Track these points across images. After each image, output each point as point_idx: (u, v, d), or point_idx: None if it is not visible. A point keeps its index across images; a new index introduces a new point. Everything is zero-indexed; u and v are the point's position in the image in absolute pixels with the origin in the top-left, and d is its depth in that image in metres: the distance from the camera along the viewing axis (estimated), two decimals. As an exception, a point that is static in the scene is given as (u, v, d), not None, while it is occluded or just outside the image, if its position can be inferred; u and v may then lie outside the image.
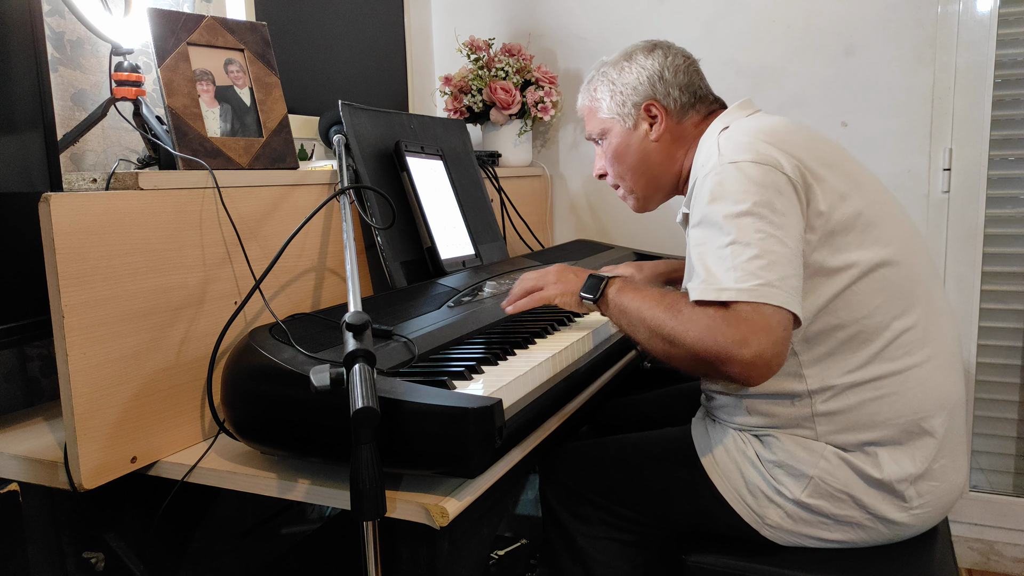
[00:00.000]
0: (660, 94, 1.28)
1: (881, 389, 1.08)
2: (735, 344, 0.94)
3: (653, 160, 1.31)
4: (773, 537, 1.14)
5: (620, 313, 1.14)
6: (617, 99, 1.31)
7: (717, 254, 1.01)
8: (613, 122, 1.32)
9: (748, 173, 1.04)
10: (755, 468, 1.14)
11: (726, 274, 0.98)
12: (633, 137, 1.31)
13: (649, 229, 2.36)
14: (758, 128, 1.13)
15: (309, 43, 1.91)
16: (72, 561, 1.27)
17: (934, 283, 1.16)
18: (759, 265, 0.97)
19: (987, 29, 1.92)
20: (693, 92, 1.30)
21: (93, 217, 0.94)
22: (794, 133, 1.13)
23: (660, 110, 1.29)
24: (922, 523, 1.13)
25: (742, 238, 0.99)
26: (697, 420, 1.29)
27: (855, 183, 1.11)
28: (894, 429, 1.09)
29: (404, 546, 0.96)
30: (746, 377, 0.95)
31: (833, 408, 1.09)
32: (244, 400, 0.97)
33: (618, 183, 1.38)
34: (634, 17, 2.27)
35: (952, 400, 1.13)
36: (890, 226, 1.11)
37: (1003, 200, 2.00)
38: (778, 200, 1.02)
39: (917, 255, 1.14)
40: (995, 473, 2.10)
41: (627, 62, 1.31)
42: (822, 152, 1.12)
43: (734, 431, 1.19)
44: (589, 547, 1.26)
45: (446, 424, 0.83)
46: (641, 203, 1.39)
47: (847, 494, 1.09)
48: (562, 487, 1.29)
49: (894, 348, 1.08)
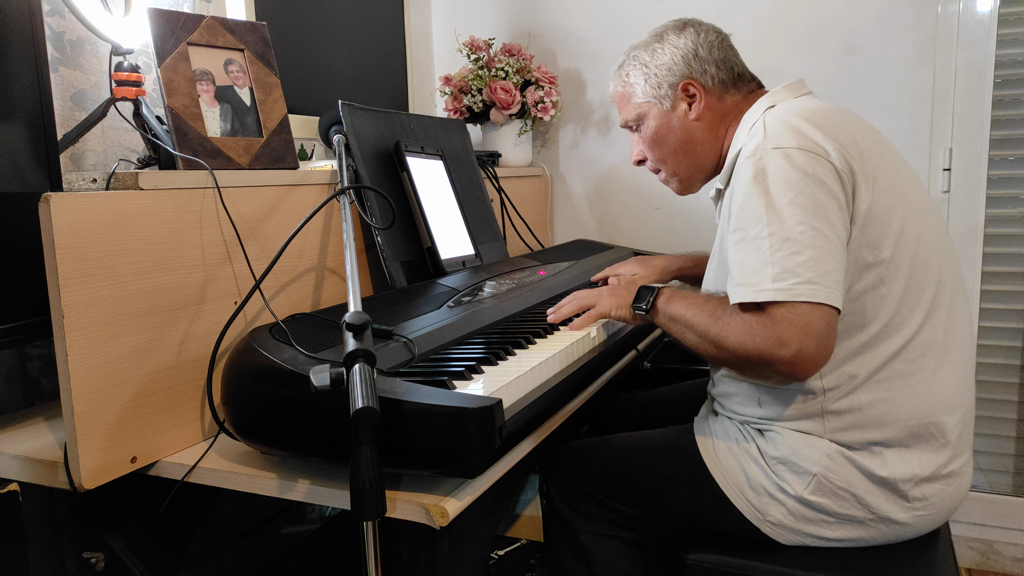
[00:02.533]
0: (696, 72, 1.25)
1: (894, 390, 1.07)
2: (774, 345, 0.96)
3: (696, 139, 1.28)
4: (774, 535, 1.14)
5: (671, 321, 1.16)
6: (652, 81, 1.28)
7: (755, 246, 1.00)
8: (650, 106, 1.30)
9: (793, 160, 1.02)
10: (758, 465, 1.14)
11: (763, 271, 0.98)
12: (673, 118, 1.28)
13: (649, 229, 2.36)
14: (806, 111, 1.10)
15: (309, 43, 1.91)
16: (72, 561, 1.27)
17: (958, 286, 1.14)
18: (798, 261, 0.97)
19: (987, 29, 1.92)
20: (730, 68, 1.27)
21: (93, 217, 0.94)
22: (842, 119, 1.11)
23: (698, 88, 1.25)
24: (925, 524, 1.12)
25: (782, 230, 0.98)
26: (700, 418, 1.29)
27: (898, 177, 1.09)
28: (902, 430, 1.08)
29: (404, 546, 0.96)
30: (793, 374, 0.97)
31: (844, 406, 1.09)
32: (244, 400, 0.97)
33: (659, 167, 1.35)
34: (634, 17, 2.27)
35: (964, 406, 1.12)
36: (924, 225, 1.09)
37: (1003, 200, 2.00)
38: (822, 191, 1.00)
39: (946, 258, 1.12)
40: (995, 473, 2.10)
41: (659, 43, 1.29)
42: (869, 142, 1.09)
43: (737, 427, 1.19)
44: (591, 544, 1.26)
45: (446, 424, 0.83)
46: (685, 185, 1.36)
47: (850, 492, 1.09)
48: (564, 484, 1.29)
49: (912, 349, 1.07)
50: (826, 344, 0.96)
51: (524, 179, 2.27)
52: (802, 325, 0.95)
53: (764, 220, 1.00)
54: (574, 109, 2.40)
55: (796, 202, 0.99)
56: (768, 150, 1.04)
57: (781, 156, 1.03)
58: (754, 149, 1.06)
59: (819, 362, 0.96)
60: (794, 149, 1.03)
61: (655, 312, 1.19)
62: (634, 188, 2.36)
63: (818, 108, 1.12)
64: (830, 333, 0.97)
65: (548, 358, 1.12)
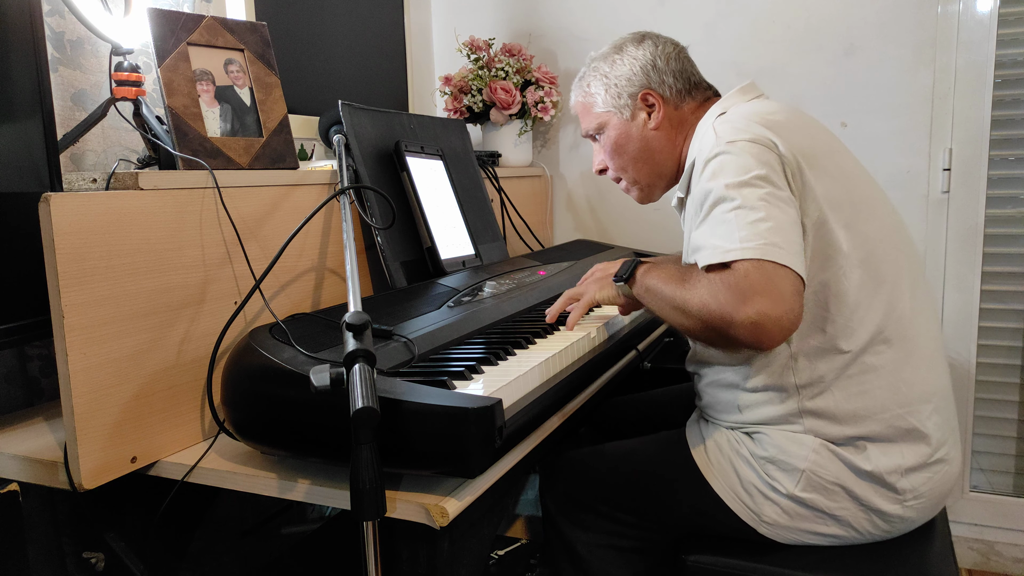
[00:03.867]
0: (655, 82, 1.29)
1: (866, 383, 1.09)
2: (736, 302, 0.93)
3: (654, 148, 1.31)
4: (771, 534, 1.14)
5: (647, 292, 1.16)
6: (612, 92, 1.31)
7: (722, 219, 1.01)
8: (610, 115, 1.32)
9: (747, 151, 1.05)
10: (749, 466, 1.15)
11: (730, 236, 0.99)
12: (632, 127, 1.31)
13: (649, 229, 2.36)
14: (755, 112, 1.14)
15: (309, 43, 1.91)
16: (72, 561, 1.27)
17: (918, 276, 1.16)
18: (765, 227, 0.98)
19: (987, 29, 1.92)
20: (687, 79, 1.30)
21: (93, 217, 0.94)
22: (790, 117, 1.15)
23: (657, 98, 1.29)
24: (918, 515, 1.13)
25: (747, 203, 1.00)
26: (691, 422, 1.29)
27: (844, 172, 1.13)
28: (880, 423, 1.09)
29: (404, 546, 0.96)
30: (754, 338, 0.93)
31: (820, 404, 1.10)
32: (244, 400, 0.97)
33: (620, 175, 1.38)
34: (634, 18, 2.27)
35: (938, 392, 1.14)
36: (876, 218, 1.13)
37: (1003, 200, 2.00)
38: (775, 175, 1.04)
39: (902, 248, 1.15)
40: (995, 473, 2.10)
41: (618, 54, 1.32)
42: (816, 139, 1.13)
43: (726, 430, 1.20)
44: (589, 555, 1.26)
45: (446, 424, 0.83)
46: (645, 193, 1.38)
47: (840, 486, 1.10)
48: (561, 495, 1.30)
49: (878, 342, 1.09)
50: (792, 309, 0.93)
51: (524, 179, 2.27)
52: (766, 282, 0.93)
53: (727, 198, 1.02)
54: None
55: (753, 182, 1.02)
56: (722, 145, 1.07)
57: (734, 148, 1.06)
58: (710, 150, 1.09)
59: (784, 326, 0.92)
60: (745, 142, 1.06)
61: (633, 282, 1.20)
62: (634, 188, 2.35)
63: (767, 109, 1.16)
64: (796, 297, 0.94)
65: (548, 358, 1.12)
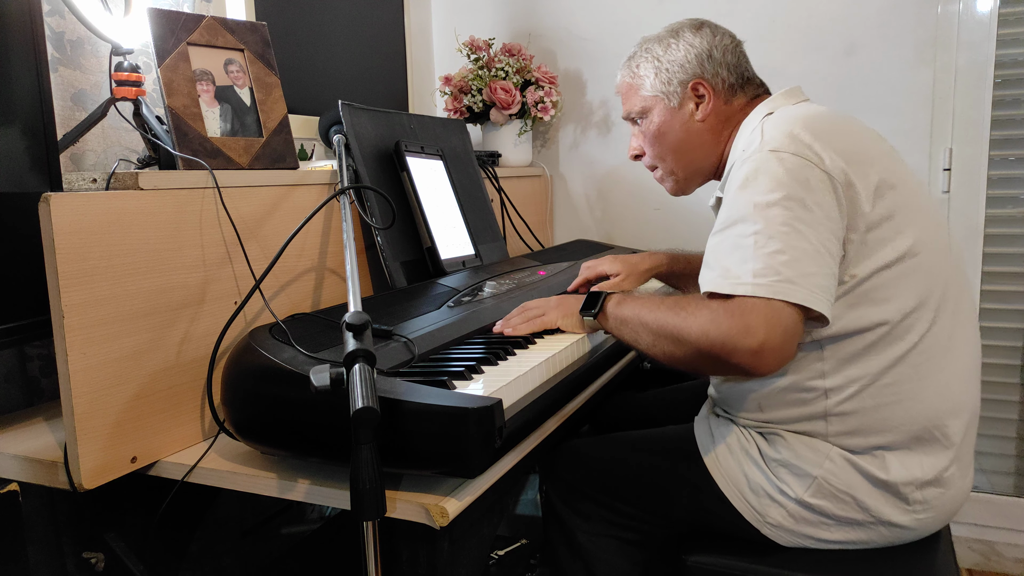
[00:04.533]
0: (708, 73, 1.24)
1: (900, 394, 1.07)
2: (740, 334, 0.93)
3: (697, 141, 1.27)
4: (773, 536, 1.14)
5: (621, 324, 1.15)
6: (663, 76, 1.26)
7: (737, 242, 0.99)
8: (656, 100, 1.28)
9: (786, 164, 1.01)
10: (758, 467, 1.14)
11: (744, 265, 0.97)
12: (677, 117, 1.27)
13: (649, 229, 2.36)
14: (806, 117, 1.09)
15: (309, 43, 1.91)
16: (72, 561, 1.27)
17: (963, 289, 1.13)
18: (781, 261, 0.96)
19: (987, 29, 1.92)
20: (740, 73, 1.26)
21: (93, 217, 0.94)
22: (843, 125, 1.10)
23: (708, 89, 1.24)
24: (925, 528, 1.12)
25: (767, 229, 0.98)
26: (700, 418, 1.28)
27: (899, 182, 1.07)
28: (905, 434, 1.07)
29: (404, 546, 0.96)
30: (754, 366, 0.94)
31: (848, 409, 1.08)
32: (244, 400, 0.97)
33: (656, 164, 1.33)
34: (634, 17, 2.27)
35: (969, 409, 1.12)
36: (926, 227, 1.08)
37: (1003, 200, 2.00)
38: (810, 197, 0.99)
39: (949, 261, 1.11)
40: (996, 473, 2.10)
41: (673, 39, 1.27)
42: (870, 148, 1.08)
43: (738, 428, 1.18)
44: (589, 544, 1.26)
45: (446, 424, 0.83)
46: (680, 185, 1.34)
47: (850, 495, 1.09)
48: (563, 484, 1.29)
49: (918, 353, 1.06)
50: (791, 341, 0.95)
51: (524, 179, 2.27)
52: (772, 316, 0.94)
53: (750, 219, 1.00)
54: (574, 109, 2.40)
55: (784, 204, 0.99)
56: (764, 152, 1.04)
57: (775, 159, 1.02)
58: (752, 152, 1.06)
59: (781, 357, 0.94)
60: (790, 155, 1.02)
61: (604, 316, 1.18)
62: (634, 188, 2.36)
63: (818, 114, 1.11)
64: (797, 334, 0.96)
65: (548, 358, 1.12)
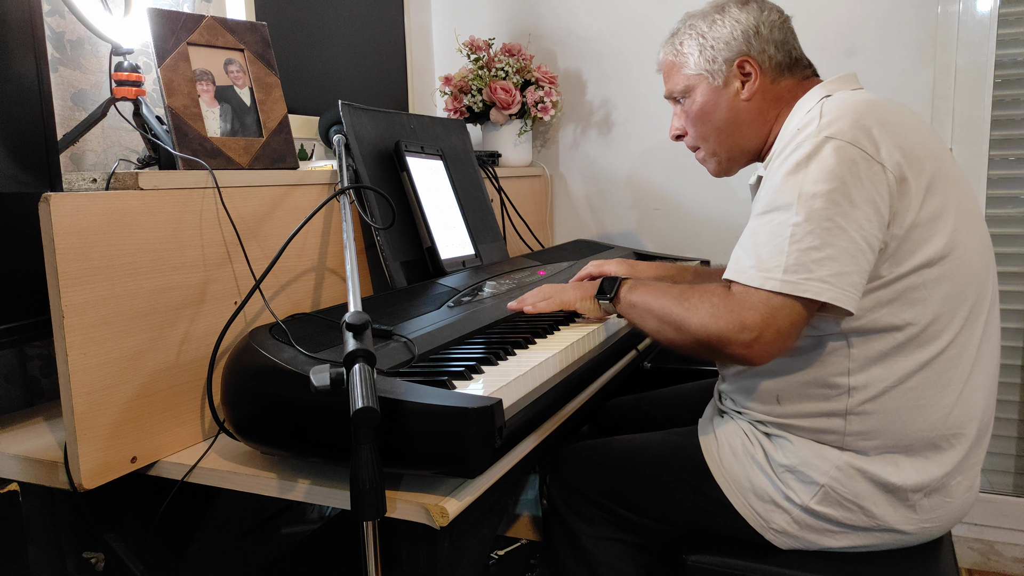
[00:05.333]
0: (755, 50, 1.19)
1: (921, 400, 1.05)
2: (735, 328, 0.97)
3: (743, 120, 1.22)
4: (776, 541, 1.14)
5: (631, 308, 1.18)
6: (707, 54, 1.22)
7: (775, 231, 0.99)
8: (700, 79, 1.23)
9: (841, 153, 0.99)
10: (763, 473, 1.13)
11: (777, 258, 0.97)
12: (723, 95, 1.22)
13: (649, 229, 2.36)
14: (867, 104, 1.05)
15: (309, 43, 1.91)
16: (72, 561, 1.27)
17: (995, 298, 1.13)
18: (815, 258, 0.96)
19: (987, 29, 1.92)
20: (788, 52, 1.21)
21: (93, 217, 0.94)
22: (903, 118, 1.07)
23: (755, 67, 1.19)
24: (927, 535, 1.12)
25: (807, 223, 0.97)
26: (704, 421, 1.28)
27: (951, 183, 1.06)
28: (921, 440, 1.07)
29: (404, 546, 0.96)
30: (746, 358, 0.98)
31: (869, 409, 1.06)
32: (244, 400, 0.97)
33: (699, 144, 1.29)
34: (634, 17, 2.27)
35: (985, 421, 1.11)
36: (973, 233, 1.07)
37: (1003, 200, 2.00)
38: (859, 192, 0.98)
39: (988, 268, 1.10)
40: (995, 473, 2.10)
41: (719, 15, 1.22)
42: (926, 144, 1.06)
43: (744, 430, 1.17)
44: (593, 547, 1.25)
45: (446, 424, 0.83)
46: (724, 166, 1.29)
47: (856, 504, 1.08)
48: (567, 487, 1.29)
49: (945, 359, 1.05)
50: (786, 339, 0.98)
51: (524, 179, 2.27)
52: (767, 315, 0.97)
53: (793, 207, 0.98)
54: (574, 109, 2.40)
55: (830, 196, 0.97)
56: (822, 136, 1.00)
57: (831, 146, 0.99)
58: (809, 133, 1.03)
59: (773, 352, 0.98)
60: (846, 143, 0.99)
61: (617, 300, 1.21)
62: (634, 188, 2.36)
63: (879, 102, 1.07)
64: (793, 332, 0.98)
65: (548, 358, 1.12)
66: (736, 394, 1.21)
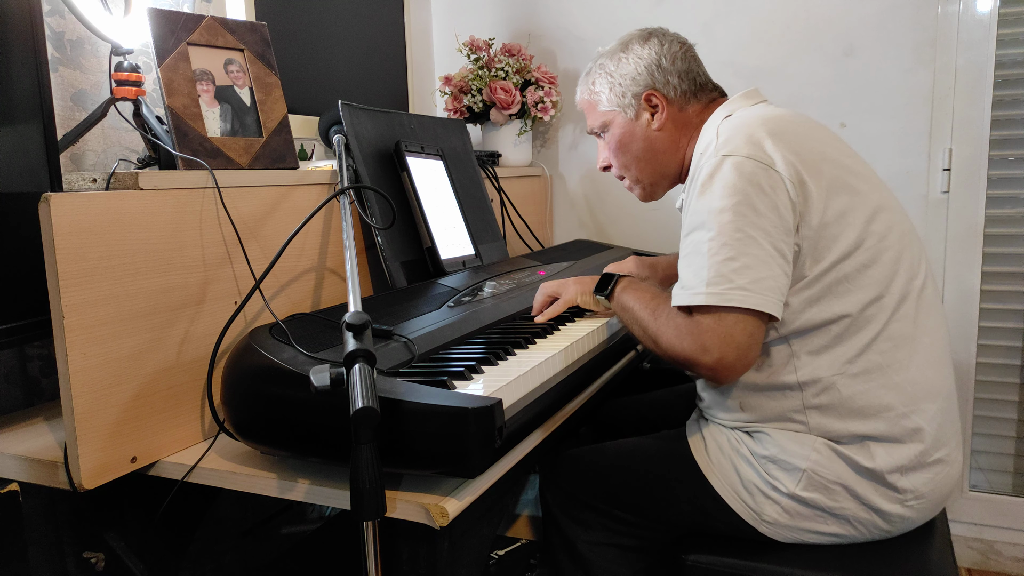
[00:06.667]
0: (659, 83, 1.28)
1: (871, 381, 1.09)
2: (699, 351, 1.04)
3: (657, 148, 1.31)
4: (771, 533, 1.14)
5: (622, 310, 1.22)
6: (616, 91, 1.30)
7: (696, 249, 1.06)
8: (614, 114, 1.32)
9: (740, 169, 1.06)
10: (749, 465, 1.15)
11: (700, 274, 1.04)
12: (636, 127, 1.31)
13: (649, 229, 2.36)
14: (762, 118, 1.13)
15: (309, 43, 1.91)
16: (72, 561, 1.27)
17: (927, 277, 1.16)
18: (733, 267, 1.02)
19: (987, 29, 1.92)
20: (693, 79, 1.29)
21: (93, 217, 0.94)
22: (798, 126, 1.14)
23: (660, 99, 1.28)
24: (919, 515, 1.13)
25: (720, 236, 1.04)
26: (691, 422, 1.30)
27: (855, 179, 1.12)
28: (885, 421, 1.09)
29: (404, 546, 0.96)
30: (714, 378, 1.06)
31: (824, 401, 1.10)
32: (244, 400, 0.97)
33: (623, 174, 1.38)
34: (633, 17, 2.27)
35: (943, 392, 1.14)
36: (884, 220, 1.12)
37: (1003, 200, 2.00)
38: (762, 201, 1.04)
39: (911, 248, 1.14)
40: (995, 473, 2.10)
41: (623, 52, 1.31)
42: (823, 147, 1.13)
43: (727, 429, 1.20)
44: (590, 553, 1.26)
45: (446, 424, 0.83)
46: (648, 192, 1.38)
47: (841, 485, 1.10)
48: (562, 493, 1.30)
49: (883, 340, 1.09)
50: (747, 354, 1.03)
51: (524, 179, 2.27)
52: (724, 335, 1.02)
53: (706, 225, 1.06)
54: (574, 109, 2.40)
55: (736, 209, 1.04)
56: (719, 156, 1.08)
57: (729, 164, 1.07)
58: (708, 156, 1.10)
59: (738, 369, 1.04)
60: (743, 158, 1.07)
61: (612, 298, 1.26)
62: (634, 188, 2.36)
63: (774, 115, 1.15)
64: (752, 344, 1.04)
65: (548, 358, 1.12)
66: (708, 404, 1.26)
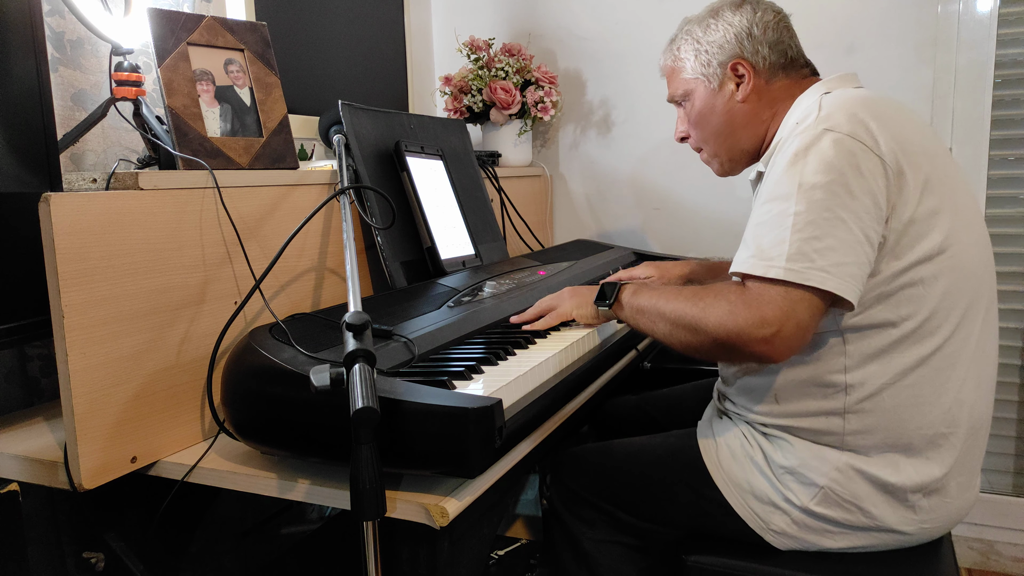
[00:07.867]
0: (748, 52, 1.21)
1: (919, 397, 1.05)
2: (755, 324, 0.96)
3: (737, 122, 1.24)
4: (776, 542, 1.14)
5: (637, 313, 1.16)
6: (702, 58, 1.24)
7: (777, 221, 1.00)
8: (697, 83, 1.26)
9: (840, 146, 1.00)
10: (763, 474, 1.13)
11: (779, 247, 0.98)
12: (718, 98, 1.24)
13: (649, 229, 2.36)
14: (866, 100, 1.07)
15: (309, 43, 1.91)
16: (72, 561, 1.27)
17: (993, 298, 1.13)
18: (816, 248, 0.96)
19: (987, 29, 1.92)
20: (783, 52, 1.22)
21: (93, 217, 0.94)
22: (901, 115, 1.08)
23: (748, 68, 1.21)
24: (926, 536, 1.12)
25: (808, 213, 0.98)
26: (703, 423, 1.28)
27: (948, 181, 1.06)
28: (920, 439, 1.06)
29: (404, 546, 0.96)
30: (766, 354, 0.97)
31: (867, 408, 1.06)
32: (244, 400, 0.97)
33: (701, 146, 1.32)
34: (634, 17, 2.27)
35: (982, 420, 1.11)
36: (971, 230, 1.07)
37: (1003, 200, 2.00)
38: (858, 183, 0.98)
39: (986, 268, 1.11)
40: (995, 473, 2.10)
41: (713, 19, 1.24)
42: (924, 142, 1.07)
43: (743, 431, 1.17)
44: (594, 551, 1.25)
45: (446, 424, 0.83)
46: (726, 168, 1.31)
47: (855, 505, 1.08)
48: (567, 491, 1.29)
49: (941, 357, 1.05)
50: (805, 334, 0.98)
51: (524, 179, 2.27)
52: (787, 310, 0.96)
53: (793, 198, 0.99)
54: (574, 109, 2.40)
55: (830, 188, 0.98)
56: (820, 129, 1.02)
57: (829, 139, 1.00)
58: (807, 126, 1.04)
59: (794, 347, 0.97)
60: (845, 136, 1.00)
61: (619, 306, 1.20)
62: (634, 188, 2.36)
63: (878, 99, 1.09)
64: (812, 325, 0.98)
65: (548, 358, 1.12)
66: (736, 395, 1.21)
